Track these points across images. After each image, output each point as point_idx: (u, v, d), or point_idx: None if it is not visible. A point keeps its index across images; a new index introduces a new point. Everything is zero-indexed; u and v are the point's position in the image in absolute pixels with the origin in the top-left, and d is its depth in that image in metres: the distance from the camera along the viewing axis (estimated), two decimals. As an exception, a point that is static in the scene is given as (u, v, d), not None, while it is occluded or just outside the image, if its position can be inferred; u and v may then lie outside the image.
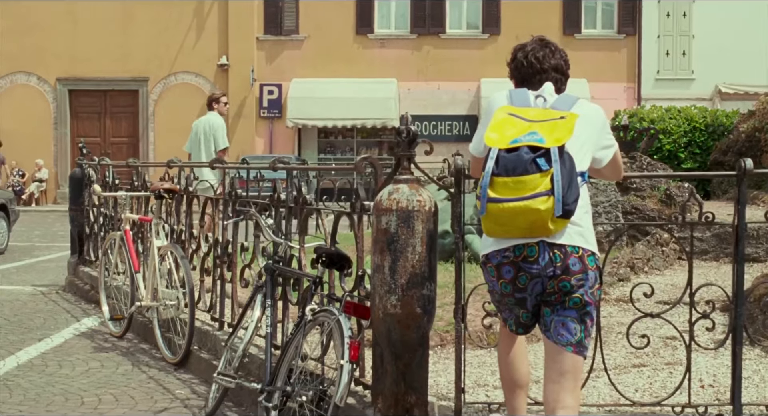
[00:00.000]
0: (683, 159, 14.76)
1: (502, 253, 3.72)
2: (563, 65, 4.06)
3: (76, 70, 28.90)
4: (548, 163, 3.53)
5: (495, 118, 3.78)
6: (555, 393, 3.73)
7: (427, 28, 29.03)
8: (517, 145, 3.57)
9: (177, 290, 7.01)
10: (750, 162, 4.47)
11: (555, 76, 4.00)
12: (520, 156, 3.55)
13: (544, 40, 4.10)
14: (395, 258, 4.38)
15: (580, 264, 3.66)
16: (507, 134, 3.64)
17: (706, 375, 5.48)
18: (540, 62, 3.98)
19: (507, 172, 3.55)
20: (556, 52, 4.04)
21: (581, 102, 3.90)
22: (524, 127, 3.65)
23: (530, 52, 4.00)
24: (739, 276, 4.56)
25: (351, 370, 4.53)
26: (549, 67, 3.99)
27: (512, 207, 3.53)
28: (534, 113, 3.74)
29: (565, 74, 4.10)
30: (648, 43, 28.71)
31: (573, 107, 3.82)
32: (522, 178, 3.53)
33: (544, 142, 3.56)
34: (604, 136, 3.99)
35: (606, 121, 4.02)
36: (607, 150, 4.00)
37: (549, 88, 3.93)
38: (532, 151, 3.55)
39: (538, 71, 3.97)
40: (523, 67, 4.01)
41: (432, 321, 4.54)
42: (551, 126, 3.64)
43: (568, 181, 3.56)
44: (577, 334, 3.72)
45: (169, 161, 7.81)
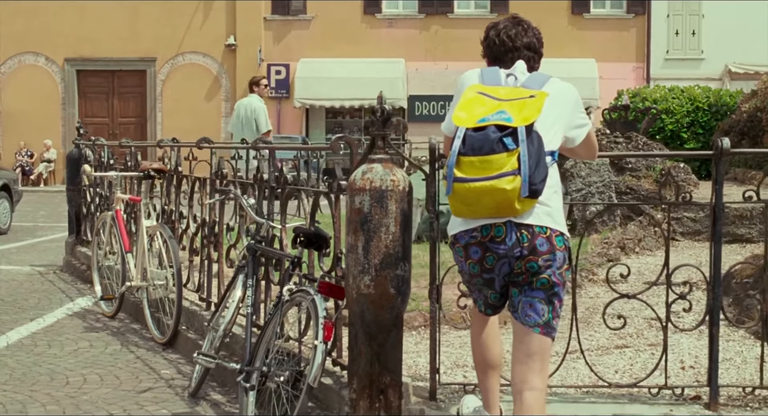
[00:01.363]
0: (686, 139, 14.67)
1: (470, 233, 3.69)
2: (536, 43, 4.02)
3: (83, 50, 28.89)
4: (515, 143, 3.49)
5: (464, 96, 3.75)
6: (522, 373, 3.71)
7: (435, 7, 28.88)
8: (485, 124, 3.54)
9: (166, 270, 7.02)
10: (727, 141, 4.43)
11: (527, 54, 3.97)
12: (486, 135, 3.51)
13: (516, 18, 4.07)
14: (368, 238, 4.34)
15: (548, 245, 3.62)
16: (475, 113, 3.61)
17: (688, 356, 5.46)
18: (512, 40, 3.95)
19: (473, 151, 3.51)
20: (528, 30, 4.01)
21: (553, 80, 3.86)
22: (493, 106, 3.61)
23: (502, 30, 3.98)
24: (716, 257, 4.52)
25: (325, 351, 4.52)
26: (521, 45, 3.96)
27: (478, 186, 3.50)
28: (504, 92, 3.70)
29: (538, 52, 4.06)
30: (657, 23, 28.48)
31: (544, 86, 3.78)
32: (488, 158, 3.49)
33: (512, 121, 3.52)
34: (577, 115, 3.95)
35: (579, 100, 3.97)
36: (580, 129, 3.96)
37: (521, 66, 3.89)
38: (500, 130, 3.51)
39: (510, 49, 3.94)
40: (495, 45, 3.98)
41: (407, 302, 4.51)
42: (520, 105, 3.60)
43: (535, 161, 3.52)
44: (545, 315, 3.69)
45: (159, 141, 7.79)
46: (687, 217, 9.05)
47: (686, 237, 9.07)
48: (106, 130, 28.54)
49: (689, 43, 28.57)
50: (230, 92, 29.09)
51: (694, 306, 4.76)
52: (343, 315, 4.97)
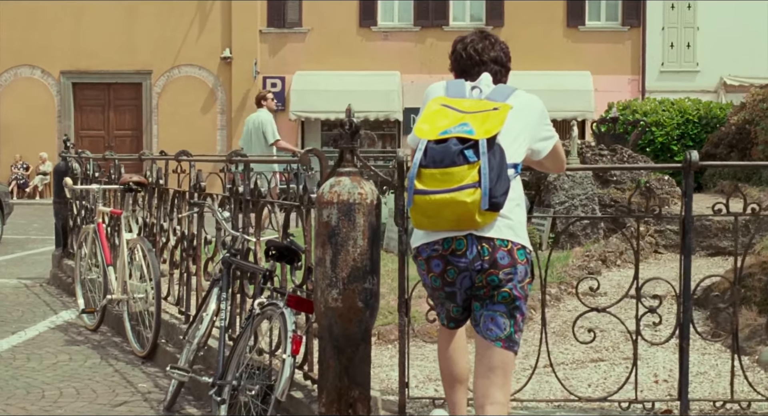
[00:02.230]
0: (676, 151, 14.66)
1: (431, 246, 3.68)
2: (503, 57, 4.03)
3: (79, 63, 28.91)
4: (476, 155, 3.49)
5: (428, 109, 3.75)
6: (484, 388, 3.69)
7: (431, 20, 28.91)
8: (447, 136, 3.54)
9: (146, 283, 7.01)
10: (695, 154, 4.42)
11: (494, 68, 3.97)
12: (448, 147, 3.51)
13: (484, 32, 4.08)
14: (336, 251, 4.34)
15: (509, 258, 3.61)
16: (438, 125, 3.61)
17: (662, 369, 5.44)
18: (479, 54, 3.95)
19: (434, 164, 3.51)
20: (496, 45, 4.02)
21: (518, 93, 3.85)
22: (457, 118, 3.61)
23: (469, 44, 3.99)
24: (686, 271, 4.52)
25: (293, 364, 4.51)
26: (488, 59, 3.96)
27: (438, 199, 3.49)
28: (468, 104, 3.70)
29: (505, 66, 4.06)
30: (652, 35, 28.48)
31: (509, 98, 3.77)
32: (449, 170, 3.49)
33: (474, 134, 3.52)
34: (543, 127, 3.94)
35: (544, 112, 3.96)
36: (546, 141, 3.95)
37: (486, 79, 3.89)
38: (461, 142, 3.51)
39: (477, 63, 3.94)
40: (462, 58, 3.99)
41: (375, 316, 4.50)
42: (483, 117, 3.59)
43: (497, 174, 3.51)
44: (507, 329, 3.67)
45: (140, 154, 7.78)
46: (670, 230, 9.05)
47: (669, 250, 9.06)
48: (102, 143, 28.52)
49: (684, 56, 28.58)
50: (226, 105, 29.11)
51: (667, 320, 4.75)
52: (314, 328, 4.96)
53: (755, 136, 12.36)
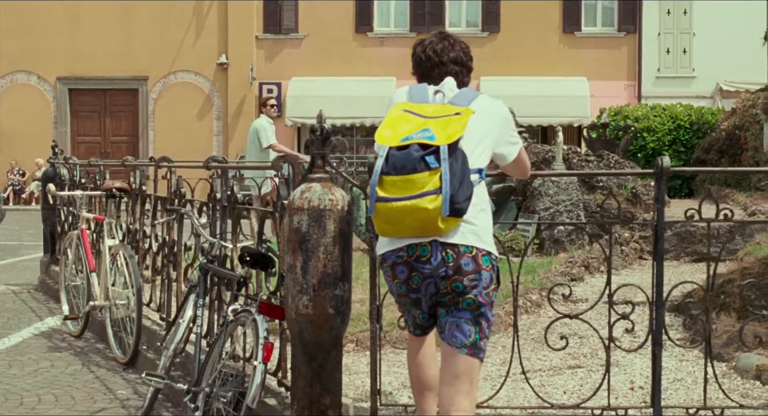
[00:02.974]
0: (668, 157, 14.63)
1: (396, 253, 3.66)
2: (463, 57, 3.99)
3: (76, 69, 28.93)
4: (438, 161, 3.47)
5: (390, 115, 3.73)
6: (449, 395, 3.67)
7: (427, 26, 28.87)
8: (408, 142, 3.52)
9: (128, 289, 6.99)
10: (666, 160, 4.40)
11: (454, 69, 3.94)
12: (409, 154, 3.49)
13: (443, 33, 4.05)
14: (307, 258, 4.32)
15: (474, 264, 3.59)
16: (400, 131, 3.59)
17: (639, 376, 5.41)
18: (438, 55, 3.92)
19: (395, 171, 3.49)
20: (455, 45, 3.98)
21: (482, 97, 3.83)
22: (419, 124, 3.59)
23: (428, 46, 3.96)
24: (658, 277, 4.49)
25: (264, 371, 4.49)
26: (448, 60, 3.93)
27: (400, 206, 3.47)
28: (431, 109, 3.68)
29: (466, 66, 4.03)
30: (648, 41, 28.50)
31: (472, 103, 3.75)
32: (410, 177, 3.47)
33: (435, 139, 3.50)
34: (507, 133, 3.92)
35: (509, 117, 3.95)
36: (510, 147, 3.93)
37: (449, 83, 3.87)
38: (422, 148, 3.49)
39: (436, 64, 3.92)
40: (421, 61, 3.96)
41: (347, 322, 4.48)
42: (445, 122, 3.57)
43: (459, 179, 3.49)
44: (472, 336, 3.65)
45: (123, 160, 7.78)
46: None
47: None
48: (99, 149, 28.56)
49: (680, 61, 28.59)
50: (222, 111, 29.12)
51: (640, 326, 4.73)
52: (288, 335, 4.94)
53: (745, 142, 12.36)
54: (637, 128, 14.11)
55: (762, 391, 5.11)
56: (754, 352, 5.37)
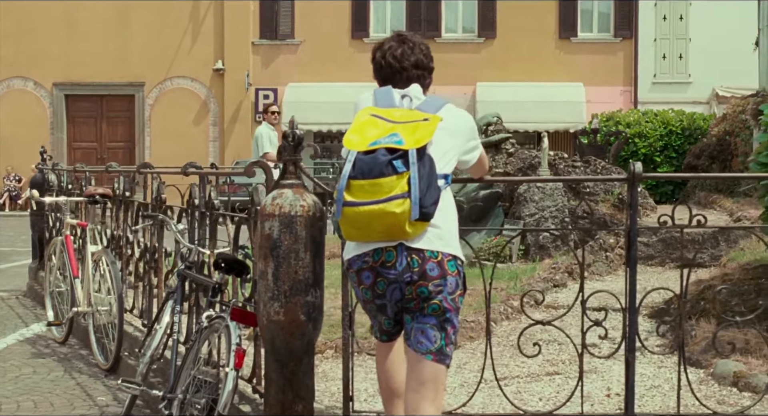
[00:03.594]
0: (659, 163, 14.64)
1: (362, 258, 3.65)
2: (423, 60, 3.93)
3: (72, 74, 28.93)
4: (405, 165, 3.46)
5: (357, 119, 3.72)
6: (415, 402, 3.65)
7: (423, 32, 28.86)
8: (377, 147, 3.51)
9: (111, 295, 6.98)
10: (639, 166, 4.39)
11: (416, 73, 3.89)
12: (376, 158, 3.48)
13: (402, 36, 3.98)
14: (278, 264, 4.30)
15: (439, 270, 3.57)
16: (368, 136, 3.58)
17: (616, 383, 5.39)
18: (399, 61, 3.87)
19: (363, 175, 3.49)
20: (415, 48, 3.92)
21: (448, 107, 3.82)
22: (387, 129, 3.58)
23: (388, 52, 3.90)
24: (631, 283, 4.48)
25: (235, 378, 4.48)
26: (408, 65, 3.87)
27: (368, 210, 3.47)
28: (399, 114, 3.67)
29: (428, 68, 3.96)
30: (644, 47, 28.49)
31: (439, 111, 3.74)
32: (378, 181, 3.46)
33: (403, 144, 3.49)
34: (472, 141, 3.92)
35: (474, 126, 3.95)
36: (472, 153, 3.94)
37: (415, 90, 3.86)
38: (390, 152, 3.48)
39: (397, 70, 3.87)
40: (382, 67, 3.92)
41: (319, 329, 4.46)
42: (413, 127, 3.56)
43: (426, 184, 3.48)
44: (437, 342, 3.63)
45: (108, 166, 7.77)
46: (640, 242, 8.96)
47: (640, 262, 8.98)
48: (95, 155, 28.57)
49: (676, 67, 28.58)
50: (218, 116, 29.11)
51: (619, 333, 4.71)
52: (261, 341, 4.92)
53: (735, 147, 12.35)
54: (627, 134, 14.09)
55: (738, 398, 5.09)
56: (731, 359, 5.35)
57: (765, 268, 6.38)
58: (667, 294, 6.03)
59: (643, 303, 6.62)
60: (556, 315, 4.90)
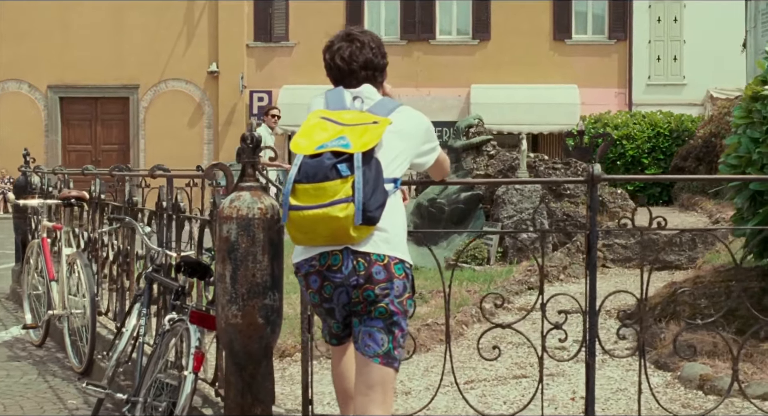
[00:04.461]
0: (647, 165, 14.61)
1: (309, 262, 3.63)
2: (373, 59, 3.84)
3: (67, 77, 28.90)
4: (350, 169, 3.44)
5: (307, 122, 3.70)
6: (363, 406, 3.64)
7: (417, 34, 28.91)
8: (323, 150, 3.48)
9: (85, 298, 6.96)
10: (598, 167, 4.36)
11: (367, 74, 3.83)
12: (321, 162, 3.46)
13: (350, 35, 3.88)
14: (236, 267, 4.28)
15: (385, 273, 3.55)
16: (316, 139, 3.55)
17: (583, 386, 5.35)
18: (347, 63, 3.80)
19: (308, 179, 3.47)
20: (364, 47, 3.83)
21: (402, 109, 3.78)
22: (336, 132, 3.55)
23: (337, 53, 3.82)
24: (591, 286, 4.45)
25: (194, 381, 4.47)
26: (357, 67, 3.80)
27: (312, 214, 3.45)
28: (349, 116, 3.63)
29: (379, 67, 3.88)
30: (639, 48, 28.44)
31: (392, 114, 3.71)
32: (322, 185, 3.44)
33: (350, 147, 3.46)
34: (428, 144, 3.88)
35: (429, 129, 3.89)
36: (428, 156, 3.90)
37: (368, 90, 3.81)
38: (336, 156, 3.46)
39: (347, 73, 3.81)
40: (331, 69, 3.86)
41: (277, 332, 4.44)
42: (362, 130, 3.53)
43: (372, 188, 3.45)
44: (385, 345, 3.60)
45: (84, 168, 7.75)
46: (618, 244, 9.00)
47: (617, 265, 9.02)
48: (89, 157, 28.50)
49: (671, 69, 28.54)
50: (213, 119, 29.08)
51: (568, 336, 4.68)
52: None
53: (721, 149, 12.32)
54: (613, 135, 14.06)
55: (704, 401, 5.07)
56: (698, 362, 5.33)
57: (736, 270, 6.36)
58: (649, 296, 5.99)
59: (617, 306, 6.63)
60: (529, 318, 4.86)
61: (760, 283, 5.90)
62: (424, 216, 9.85)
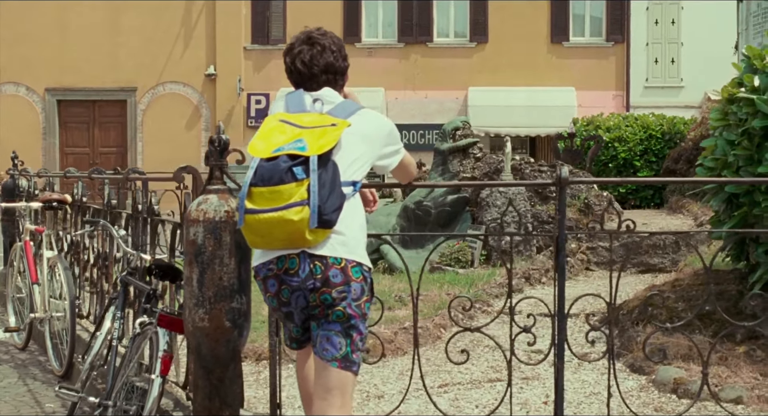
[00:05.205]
0: (639, 167, 14.59)
1: (267, 266, 3.62)
2: (334, 63, 3.82)
3: (64, 80, 28.90)
4: (306, 172, 3.43)
5: (265, 125, 3.68)
6: (321, 410, 3.63)
7: (415, 36, 28.89)
8: (279, 153, 3.47)
9: (66, 301, 6.96)
10: (565, 170, 4.35)
11: (327, 78, 3.81)
12: (277, 165, 3.45)
13: (311, 38, 3.84)
14: (202, 270, 4.27)
15: (342, 276, 3.53)
16: (274, 142, 3.53)
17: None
18: (308, 67, 3.78)
19: (263, 182, 3.46)
20: (325, 51, 3.79)
21: (363, 112, 3.77)
22: (294, 135, 3.54)
23: (297, 57, 3.80)
24: (560, 289, 4.43)
25: (161, 384, 4.47)
26: (318, 71, 3.78)
27: (267, 218, 3.44)
28: (309, 119, 3.62)
29: (339, 70, 3.85)
30: (636, 51, 28.40)
31: (351, 116, 3.69)
32: (277, 188, 3.43)
33: (306, 150, 3.45)
34: (390, 146, 3.87)
35: (391, 130, 3.87)
36: (391, 157, 3.89)
37: (328, 93, 3.80)
38: (292, 159, 3.45)
39: (308, 77, 3.79)
40: (291, 73, 3.84)
41: (245, 335, 4.42)
42: (320, 133, 3.52)
43: (329, 191, 3.44)
44: (343, 349, 3.59)
45: (66, 171, 7.74)
46: (602, 247, 8.98)
47: (601, 267, 8.99)
48: (87, 160, 28.49)
49: (669, 71, 28.50)
50: (210, 122, 29.07)
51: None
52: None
53: (711, 152, 12.29)
54: (603, 138, 14.05)
55: (677, 405, 5.05)
56: (673, 365, 5.31)
57: (714, 273, 6.34)
58: (620, 298, 5.99)
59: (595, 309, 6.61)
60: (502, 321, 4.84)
61: (737, 286, 5.88)
62: (411, 218, 9.84)
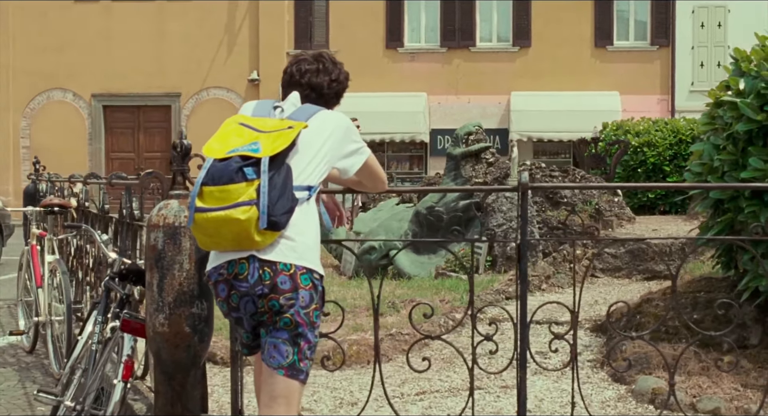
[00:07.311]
0: (668, 172, 14.37)
1: (218, 271, 3.62)
2: (325, 87, 3.90)
3: (110, 86, 29.28)
4: (257, 173, 3.44)
5: (224, 127, 3.72)
6: (266, 418, 3.60)
7: (457, 41, 28.81)
8: (233, 154, 3.50)
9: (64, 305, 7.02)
10: (525, 175, 4.28)
11: (307, 93, 3.86)
12: (228, 165, 3.49)
13: (322, 56, 3.97)
14: (162, 275, 4.28)
15: (291, 283, 3.51)
16: (230, 144, 3.57)
17: (533, 399, 5.27)
18: (300, 75, 3.88)
19: (213, 181, 3.49)
20: (321, 73, 3.91)
21: (321, 113, 3.77)
22: (251, 138, 3.57)
23: (295, 64, 3.91)
24: (522, 297, 4.37)
25: (123, 389, 4.48)
26: (305, 83, 3.87)
27: (215, 216, 3.46)
28: (270, 124, 3.65)
29: (324, 96, 3.92)
30: (682, 55, 28.05)
31: (310, 118, 3.69)
32: (227, 187, 3.46)
33: (259, 152, 3.47)
34: (348, 145, 3.85)
35: (350, 129, 3.86)
36: (352, 157, 3.86)
37: (293, 98, 3.82)
38: (244, 160, 3.47)
39: (293, 84, 3.89)
40: (284, 75, 3.94)
41: (206, 341, 4.41)
42: (276, 136, 3.55)
43: (279, 192, 3.45)
44: (290, 357, 3.57)
45: (70, 176, 7.83)
46: (608, 253, 8.84)
47: (606, 274, 8.87)
48: (132, 165, 28.86)
49: (714, 75, 27.99)
50: (253, 127, 29.24)
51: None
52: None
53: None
54: (629, 142, 13.86)
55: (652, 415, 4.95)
56: (653, 375, 5.21)
57: (707, 281, 6.22)
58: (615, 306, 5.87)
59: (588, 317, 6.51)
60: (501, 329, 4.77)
61: (727, 294, 5.75)
62: (423, 224, 9.79)
